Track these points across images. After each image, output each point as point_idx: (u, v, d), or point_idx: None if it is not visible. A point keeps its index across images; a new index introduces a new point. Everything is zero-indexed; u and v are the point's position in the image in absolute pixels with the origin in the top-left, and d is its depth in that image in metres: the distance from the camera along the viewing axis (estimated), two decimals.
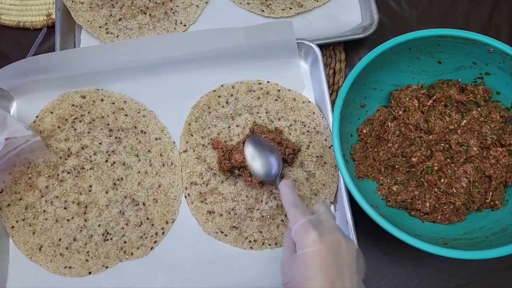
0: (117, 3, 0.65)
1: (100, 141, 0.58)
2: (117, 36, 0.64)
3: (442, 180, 0.52)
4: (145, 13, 0.65)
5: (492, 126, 0.52)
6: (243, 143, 0.56)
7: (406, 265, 0.56)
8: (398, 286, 0.55)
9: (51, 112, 0.60)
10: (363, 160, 0.54)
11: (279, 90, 0.61)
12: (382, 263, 0.56)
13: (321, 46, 0.60)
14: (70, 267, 0.54)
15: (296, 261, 0.39)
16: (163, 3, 0.66)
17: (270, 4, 0.66)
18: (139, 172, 0.57)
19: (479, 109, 0.53)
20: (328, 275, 0.37)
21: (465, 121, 0.53)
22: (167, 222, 0.56)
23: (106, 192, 0.56)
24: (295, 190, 0.45)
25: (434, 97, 0.54)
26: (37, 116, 0.60)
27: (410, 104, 0.53)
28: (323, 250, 0.38)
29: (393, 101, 0.55)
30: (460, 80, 0.54)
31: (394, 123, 0.54)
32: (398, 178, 0.53)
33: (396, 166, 0.53)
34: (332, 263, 0.37)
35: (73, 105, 0.60)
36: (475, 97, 0.53)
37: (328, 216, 0.41)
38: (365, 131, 0.55)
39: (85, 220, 0.55)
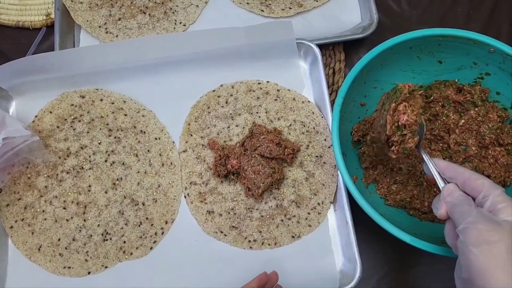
0: (116, 2, 0.65)
1: (99, 141, 0.58)
2: (117, 36, 0.64)
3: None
4: (145, 13, 0.65)
5: (490, 125, 0.52)
6: (241, 145, 0.56)
7: (406, 265, 0.56)
8: (397, 286, 0.55)
9: (50, 112, 0.60)
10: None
11: (278, 90, 0.61)
12: (382, 263, 0.56)
13: (320, 46, 0.60)
14: (69, 267, 0.54)
15: (502, 225, 0.33)
16: (162, 3, 0.65)
17: (269, 4, 0.66)
18: (138, 172, 0.57)
19: (476, 109, 0.53)
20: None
21: (463, 121, 0.53)
22: (166, 222, 0.56)
23: (106, 192, 0.56)
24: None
25: (432, 97, 0.54)
26: (36, 116, 0.60)
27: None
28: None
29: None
30: (457, 80, 0.55)
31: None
32: (397, 177, 0.53)
33: (397, 166, 0.53)
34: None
35: (72, 105, 0.60)
36: (472, 97, 0.53)
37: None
38: (358, 131, 0.54)
39: (84, 220, 0.55)
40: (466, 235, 0.34)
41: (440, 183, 0.41)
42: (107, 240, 0.55)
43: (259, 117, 0.59)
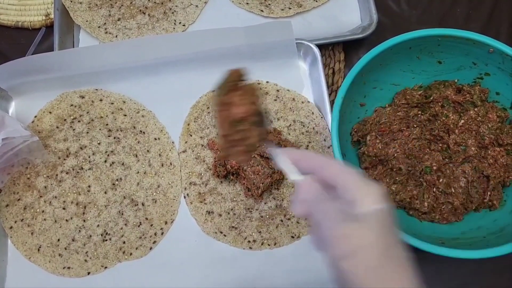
0: (116, 3, 0.65)
1: (99, 141, 0.58)
2: (116, 36, 0.64)
3: (440, 180, 0.52)
4: (144, 13, 0.65)
5: (490, 126, 0.52)
6: None
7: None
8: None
9: (50, 112, 0.60)
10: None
11: (278, 90, 0.61)
12: None
13: (320, 46, 0.60)
14: (69, 268, 0.54)
15: (361, 222, 0.30)
16: (162, 3, 0.65)
17: (269, 4, 0.66)
18: (138, 172, 0.57)
19: (476, 109, 0.53)
20: (390, 238, 0.30)
21: (462, 121, 0.53)
22: (166, 223, 0.56)
23: (105, 193, 0.56)
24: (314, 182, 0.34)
25: (431, 98, 0.54)
26: (35, 116, 0.60)
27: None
28: (390, 208, 0.30)
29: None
30: (456, 80, 0.55)
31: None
32: (397, 178, 0.53)
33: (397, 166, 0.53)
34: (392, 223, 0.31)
35: (71, 105, 0.60)
36: (471, 98, 0.53)
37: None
38: (358, 131, 0.55)
39: (84, 221, 0.55)
40: (326, 247, 0.31)
41: (290, 177, 0.35)
42: (106, 240, 0.55)
43: None
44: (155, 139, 0.59)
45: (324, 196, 0.32)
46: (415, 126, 0.54)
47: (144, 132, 0.59)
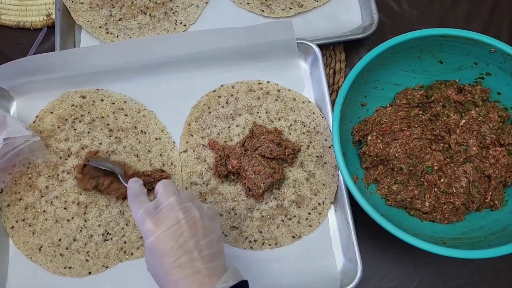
0: (117, 3, 0.65)
1: (100, 141, 0.58)
2: (117, 36, 0.64)
3: (442, 180, 0.52)
4: (145, 13, 0.65)
5: (491, 126, 0.52)
6: (242, 145, 0.56)
7: (406, 265, 0.56)
8: (398, 286, 0.55)
9: (51, 112, 0.60)
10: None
11: (279, 90, 0.61)
12: (382, 263, 0.56)
13: (321, 46, 0.60)
14: (70, 267, 0.54)
15: (146, 251, 0.41)
16: (163, 3, 0.66)
17: (270, 4, 0.66)
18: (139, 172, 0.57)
19: (477, 109, 0.53)
20: (172, 256, 0.39)
21: (463, 121, 0.53)
22: None
23: None
24: (140, 183, 0.46)
25: (432, 97, 0.54)
26: (37, 116, 0.60)
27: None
28: (161, 235, 0.40)
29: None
30: (457, 80, 0.55)
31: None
32: (398, 177, 0.53)
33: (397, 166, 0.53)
34: (172, 244, 0.39)
35: (73, 105, 0.60)
36: (473, 97, 0.53)
37: (166, 195, 0.42)
38: (359, 131, 0.55)
39: (85, 220, 0.55)
40: None
41: None
42: (107, 240, 0.55)
43: (260, 117, 0.59)
44: (156, 139, 0.59)
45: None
46: (416, 126, 0.54)
47: (145, 132, 0.59)
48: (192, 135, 0.59)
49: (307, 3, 0.66)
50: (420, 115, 0.55)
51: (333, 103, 0.58)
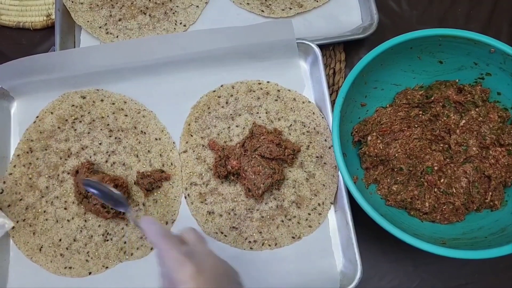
0: (117, 3, 0.65)
1: (100, 142, 0.58)
2: (117, 37, 0.64)
3: (442, 180, 0.52)
4: (145, 14, 0.65)
5: (491, 126, 0.52)
6: (241, 145, 0.56)
7: (406, 265, 0.56)
8: (398, 286, 0.55)
9: (51, 113, 0.60)
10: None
11: (279, 90, 0.61)
12: (382, 263, 0.56)
13: (321, 46, 0.60)
14: (70, 268, 0.54)
15: None
16: (163, 4, 0.66)
17: (270, 5, 0.66)
18: (138, 172, 0.57)
19: (477, 109, 0.53)
20: None
21: (463, 121, 0.53)
22: (167, 223, 0.56)
23: None
24: (157, 221, 0.44)
25: (432, 98, 0.54)
26: (37, 117, 0.60)
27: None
28: (203, 283, 0.36)
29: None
30: (457, 80, 0.55)
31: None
32: (398, 178, 0.53)
33: (398, 166, 0.53)
34: None
35: (73, 105, 0.60)
36: (473, 98, 0.53)
37: (199, 242, 0.40)
38: (359, 131, 0.54)
39: (85, 221, 0.55)
40: None
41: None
42: (107, 240, 0.55)
43: (260, 117, 0.59)
44: (156, 139, 0.59)
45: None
46: (416, 126, 0.54)
47: (145, 132, 0.59)
48: (192, 136, 0.59)
49: (307, 3, 0.66)
50: (420, 115, 0.55)
51: (333, 103, 0.58)
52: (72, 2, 0.64)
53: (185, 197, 0.57)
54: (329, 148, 0.58)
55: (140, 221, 0.42)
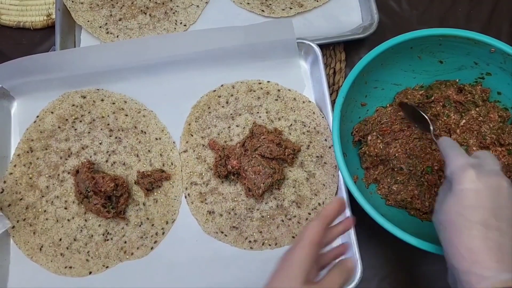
0: (117, 3, 0.65)
1: (100, 141, 0.58)
2: (117, 36, 0.64)
3: (442, 180, 0.52)
4: (145, 13, 0.65)
5: (491, 126, 0.52)
6: (242, 145, 0.56)
7: (407, 265, 0.56)
8: (399, 287, 0.55)
9: (52, 112, 0.60)
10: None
11: (279, 90, 0.61)
12: (382, 263, 0.56)
13: (321, 46, 0.60)
14: (70, 267, 0.54)
15: (451, 196, 0.37)
16: (163, 3, 0.66)
17: (270, 4, 0.66)
18: (139, 172, 0.57)
19: (477, 109, 0.53)
20: (483, 213, 0.35)
21: (464, 121, 0.53)
22: (167, 222, 0.56)
23: None
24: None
25: (433, 97, 0.54)
26: (37, 116, 0.60)
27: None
28: (481, 189, 0.36)
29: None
30: (457, 80, 0.54)
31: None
32: (398, 177, 0.53)
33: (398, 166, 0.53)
34: (489, 204, 0.35)
35: (73, 105, 0.60)
36: (473, 97, 0.53)
37: (491, 161, 0.39)
38: (359, 131, 0.54)
39: (86, 220, 0.55)
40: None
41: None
42: (108, 240, 0.55)
43: (260, 117, 0.59)
44: (156, 139, 0.59)
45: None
46: (416, 126, 0.54)
47: (145, 132, 0.59)
48: (192, 135, 0.59)
49: (307, 3, 0.66)
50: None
51: (333, 103, 0.58)
52: (73, 1, 0.64)
53: (185, 197, 0.57)
54: (329, 147, 0.58)
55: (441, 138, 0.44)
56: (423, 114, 0.50)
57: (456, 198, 0.37)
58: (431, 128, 0.49)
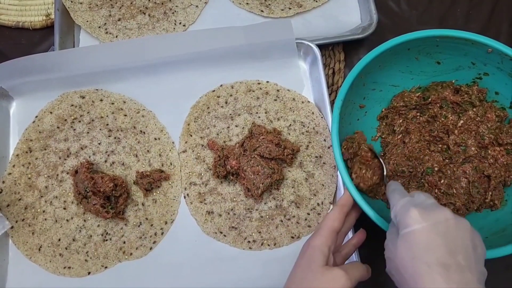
0: (116, 3, 0.65)
1: (99, 141, 0.58)
2: (116, 36, 0.64)
3: (442, 181, 0.52)
4: (144, 13, 0.65)
5: (489, 125, 0.52)
6: (241, 145, 0.56)
7: None
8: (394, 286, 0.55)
9: (51, 113, 0.60)
10: None
11: (278, 90, 0.61)
12: (382, 264, 0.56)
13: (320, 46, 0.60)
14: (69, 267, 0.54)
15: (400, 241, 0.36)
16: (162, 3, 0.66)
17: (269, 5, 0.66)
18: (138, 172, 0.57)
19: (474, 109, 0.53)
20: (437, 253, 0.34)
21: (461, 121, 0.53)
22: (166, 223, 0.56)
23: None
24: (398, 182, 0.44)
25: (429, 99, 0.54)
26: (36, 116, 0.60)
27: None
28: (427, 227, 0.35)
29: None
30: (454, 81, 0.55)
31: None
32: (398, 180, 0.53)
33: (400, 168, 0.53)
34: (440, 240, 0.34)
35: (72, 105, 0.60)
36: (470, 98, 0.53)
37: (426, 196, 0.39)
38: (347, 148, 0.50)
39: (84, 220, 0.55)
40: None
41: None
42: (107, 240, 0.55)
43: (259, 117, 0.59)
44: (155, 139, 0.59)
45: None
46: (413, 128, 0.54)
47: (144, 132, 0.59)
48: (191, 135, 0.59)
49: (306, 3, 0.66)
50: (418, 117, 0.55)
51: (332, 103, 0.58)
52: (72, 2, 0.64)
53: (185, 197, 0.57)
54: (328, 148, 0.58)
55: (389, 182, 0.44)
56: (380, 159, 0.50)
57: (406, 242, 0.36)
58: (384, 173, 0.50)
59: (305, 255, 0.41)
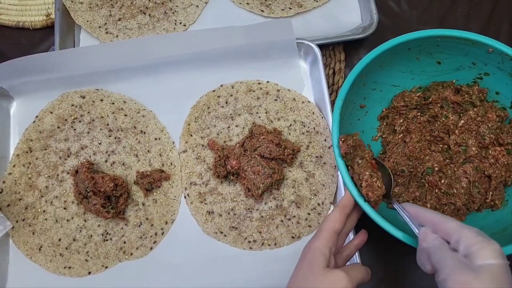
0: (116, 3, 0.65)
1: (99, 141, 0.58)
2: (117, 36, 0.64)
3: (442, 181, 0.52)
4: (145, 13, 0.65)
5: (490, 125, 0.52)
6: (241, 145, 0.56)
7: (406, 266, 0.56)
8: (398, 287, 0.55)
9: (51, 112, 0.60)
10: None
11: (278, 90, 0.61)
12: (382, 265, 0.56)
13: (320, 46, 0.60)
14: (69, 267, 0.54)
15: (479, 273, 0.34)
16: (162, 3, 0.66)
17: (269, 4, 0.66)
18: (138, 172, 0.57)
19: (475, 109, 0.53)
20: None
21: (462, 121, 0.53)
22: (166, 223, 0.56)
23: None
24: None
25: (430, 99, 0.54)
26: (36, 116, 0.60)
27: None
28: (506, 265, 0.34)
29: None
30: (454, 81, 0.55)
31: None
32: (399, 179, 0.53)
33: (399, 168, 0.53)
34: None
35: (72, 105, 0.60)
36: (470, 98, 0.53)
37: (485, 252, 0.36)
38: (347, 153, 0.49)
39: (85, 220, 0.55)
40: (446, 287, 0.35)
41: (414, 229, 0.41)
42: (107, 240, 0.55)
43: (259, 117, 0.59)
44: (156, 139, 0.59)
45: (443, 246, 0.37)
46: (414, 128, 0.54)
47: (144, 132, 0.59)
48: (191, 135, 0.59)
49: (307, 3, 0.66)
50: (419, 117, 0.55)
51: (332, 103, 0.58)
52: (72, 1, 0.64)
53: (185, 197, 0.57)
54: (329, 148, 0.58)
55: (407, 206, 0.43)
56: (387, 168, 0.49)
57: (487, 275, 0.33)
58: (393, 182, 0.49)
59: (306, 257, 0.41)
